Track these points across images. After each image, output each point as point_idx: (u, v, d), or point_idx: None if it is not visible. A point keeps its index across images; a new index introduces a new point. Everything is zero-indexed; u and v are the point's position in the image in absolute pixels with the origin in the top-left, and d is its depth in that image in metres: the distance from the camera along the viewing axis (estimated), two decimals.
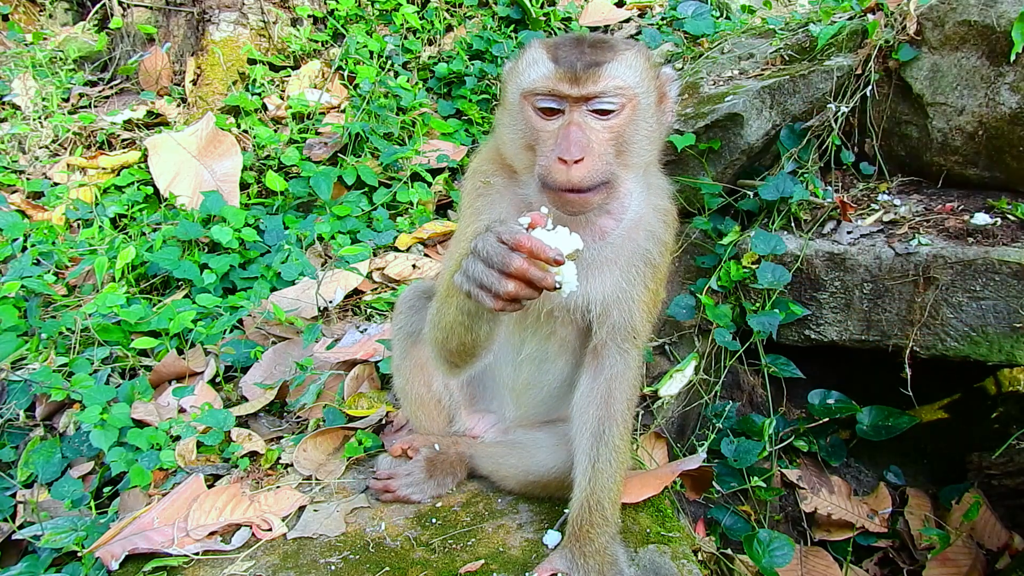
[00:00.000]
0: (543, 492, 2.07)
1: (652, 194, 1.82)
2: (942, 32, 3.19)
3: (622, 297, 1.81)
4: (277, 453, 2.39)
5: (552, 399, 2.01)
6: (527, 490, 2.09)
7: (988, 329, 2.81)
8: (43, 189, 3.83)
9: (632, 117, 1.66)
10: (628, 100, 1.64)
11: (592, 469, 1.78)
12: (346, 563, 1.87)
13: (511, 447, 2.10)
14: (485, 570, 1.81)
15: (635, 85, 1.65)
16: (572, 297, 1.71)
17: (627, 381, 1.85)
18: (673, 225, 1.85)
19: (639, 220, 1.79)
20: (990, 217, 2.99)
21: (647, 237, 1.80)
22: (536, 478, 2.04)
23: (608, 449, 1.79)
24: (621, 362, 1.85)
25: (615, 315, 1.81)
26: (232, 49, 4.46)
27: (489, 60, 4.47)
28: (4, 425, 2.61)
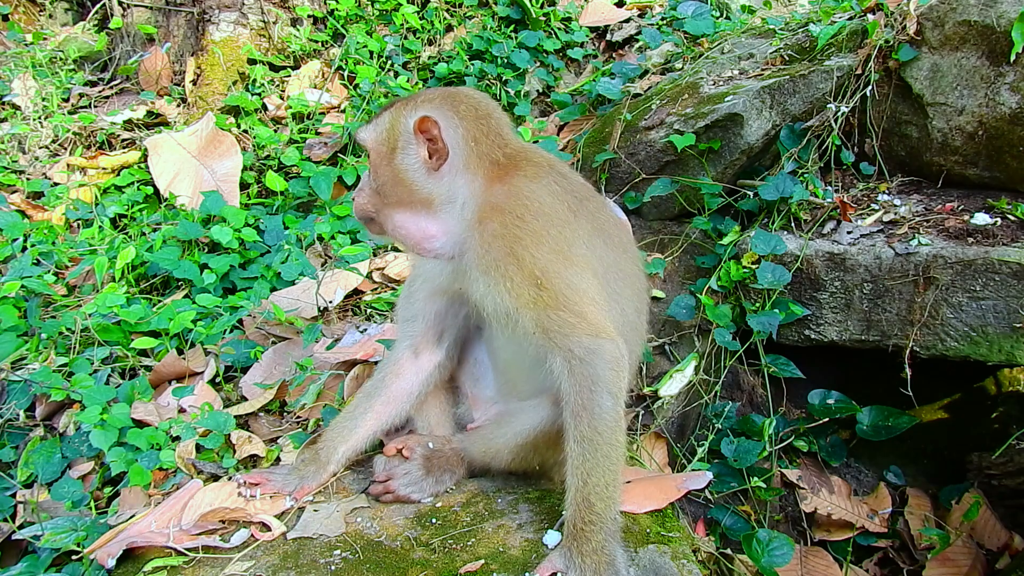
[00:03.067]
0: (537, 459, 2.01)
1: (479, 202, 1.88)
2: (942, 32, 3.19)
3: (500, 301, 1.82)
4: (276, 452, 2.39)
5: (534, 376, 1.95)
6: (521, 462, 2.04)
7: (988, 329, 2.81)
8: (43, 189, 3.83)
9: (373, 164, 1.96)
10: (370, 151, 1.97)
11: (578, 468, 1.77)
12: (346, 563, 1.87)
13: (498, 421, 2.09)
14: (485, 570, 1.81)
15: (369, 140, 1.98)
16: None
17: (591, 377, 1.77)
18: (515, 215, 1.83)
19: (470, 229, 1.85)
20: (990, 217, 2.99)
21: (486, 240, 1.83)
22: (523, 439, 1.99)
23: (588, 447, 1.76)
24: (575, 360, 1.78)
25: (517, 319, 1.83)
26: (232, 49, 4.46)
27: (489, 60, 4.47)
28: (4, 425, 2.61)
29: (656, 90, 3.77)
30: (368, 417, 2.19)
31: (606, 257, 1.94)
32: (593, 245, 1.91)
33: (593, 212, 1.97)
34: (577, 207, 1.92)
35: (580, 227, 1.89)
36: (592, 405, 1.75)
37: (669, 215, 3.42)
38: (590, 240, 1.91)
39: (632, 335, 1.94)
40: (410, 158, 1.91)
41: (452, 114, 1.91)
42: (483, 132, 1.93)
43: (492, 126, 1.95)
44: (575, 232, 1.87)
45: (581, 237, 1.88)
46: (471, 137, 1.91)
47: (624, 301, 1.96)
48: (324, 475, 2.18)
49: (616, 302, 1.91)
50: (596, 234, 1.94)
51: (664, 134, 3.36)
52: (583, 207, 1.94)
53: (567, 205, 1.90)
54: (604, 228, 1.98)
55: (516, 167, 1.91)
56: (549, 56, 4.54)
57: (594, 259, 1.89)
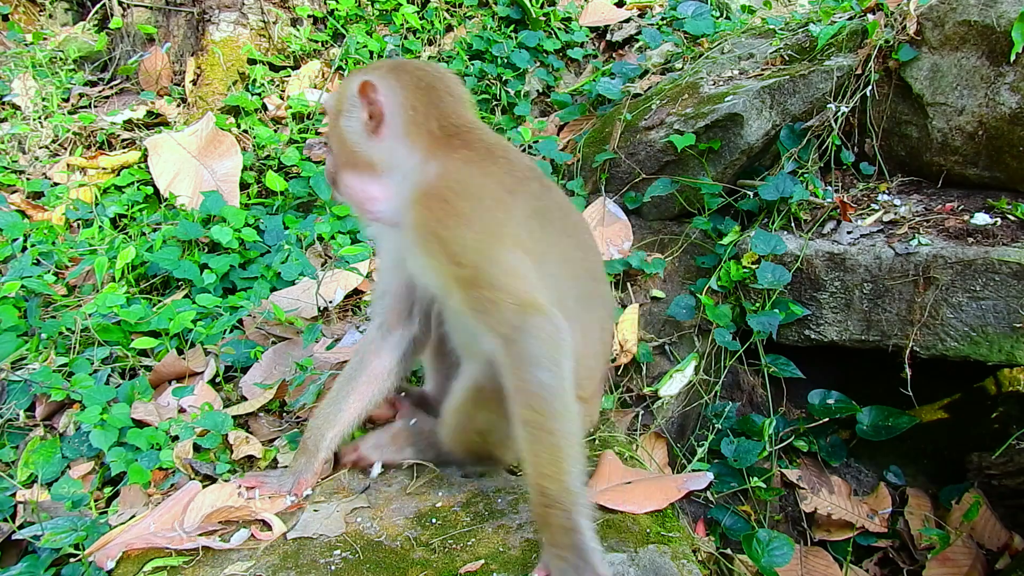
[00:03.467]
0: (475, 432, 1.95)
1: (416, 177, 1.91)
2: (942, 32, 3.20)
3: (431, 279, 1.85)
4: (274, 453, 2.39)
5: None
6: (461, 434, 2.00)
7: (988, 329, 2.81)
8: (43, 189, 3.82)
9: (328, 127, 2.07)
10: (327, 114, 2.08)
11: (526, 452, 1.69)
12: (346, 563, 1.87)
13: (450, 396, 2.04)
14: (485, 570, 1.81)
15: (326, 104, 2.08)
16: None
17: (523, 354, 1.69)
18: (441, 197, 1.83)
19: (407, 203, 1.88)
20: (990, 217, 2.99)
21: (416, 218, 1.85)
22: (457, 404, 1.97)
23: (531, 428, 1.67)
24: (505, 338, 1.71)
25: (446, 295, 1.84)
26: (232, 49, 4.46)
27: (489, 60, 4.47)
28: (4, 425, 2.61)
29: (656, 90, 3.77)
30: (352, 399, 2.19)
31: (544, 239, 1.90)
32: (529, 227, 1.88)
33: (536, 194, 1.95)
34: (515, 187, 1.91)
35: (515, 208, 1.88)
36: (528, 383, 1.67)
37: (669, 215, 3.43)
38: (526, 221, 1.88)
39: (574, 322, 1.83)
40: (352, 121, 1.97)
41: (394, 81, 1.95)
42: (422, 102, 1.95)
43: (433, 98, 1.96)
44: (508, 213, 1.85)
45: (515, 218, 1.86)
46: (409, 105, 1.94)
47: (563, 283, 1.91)
48: (316, 464, 2.18)
49: (554, 284, 1.86)
50: (533, 216, 1.91)
51: (664, 134, 3.36)
52: (522, 188, 1.93)
53: (502, 186, 1.89)
54: (545, 212, 1.95)
55: (454, 145, 1.93)
56: (549, 56, 4.54)
57: (529, 240, 1.85)
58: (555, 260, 1.92)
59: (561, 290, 1.87)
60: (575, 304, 1.91)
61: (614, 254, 3.30)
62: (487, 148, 1.96)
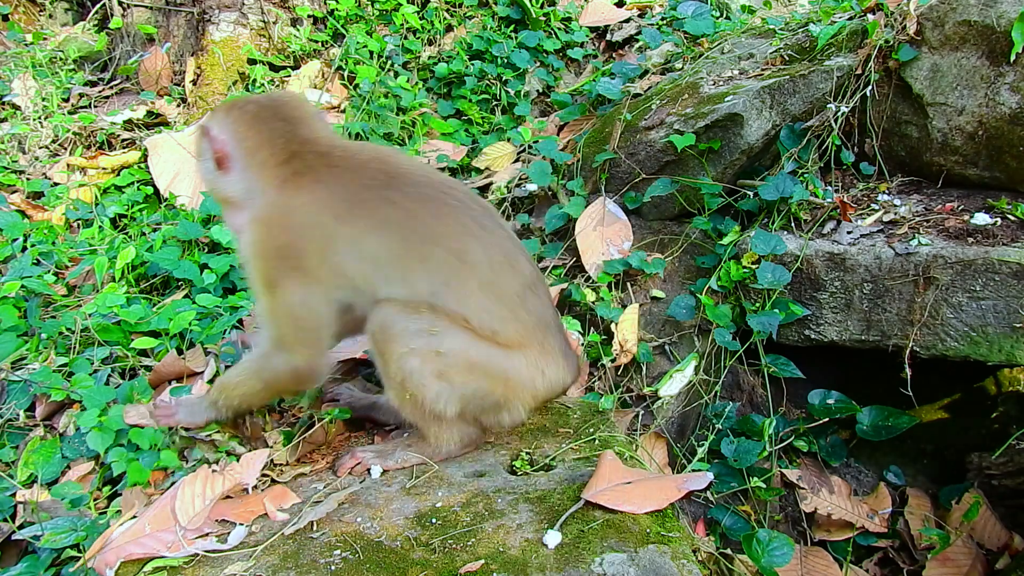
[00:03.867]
0: (396, 374, 2.13)
1: (258, 204, 2.11)
2: (942, 32, 3.20)
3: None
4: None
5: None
6: (395, 390, 2.18)
7: (988, 329, 2.81)
8: (43, 189, 3.83)
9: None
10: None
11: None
12: (345, 563, 1.87)
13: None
14: (485, 570, 1.81)
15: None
16: None
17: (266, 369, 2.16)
18: (258, 234, 2.08)
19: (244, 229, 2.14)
20: (990, 217, 2.99)
21: (241, 243, 2.15)
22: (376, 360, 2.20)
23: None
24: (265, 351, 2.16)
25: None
26: (232, 49, 4.46)
27: (489, 60, 4.47)
28: (4, 425, 2.61)
29: (656, 90, 3.77)
30: None
31: (393, 247, 2.07)
32: (370, 237, 2.06)
33: (385, 201, 2.07)
34: (350, 210, 2.05)
35: (344, 230, 2.04)
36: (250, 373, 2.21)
37: (669, 215, 3.43)
38: (363, 237, 2.06)
39: (448, 289, 2.08)
40: (206, 163, 2.14)
41: (226, 121, 2.09)
42: (253, 135, 2.08)
43: (264, 129, 2.09)
44: (323, 240, 2.04)
45: (339, 239, 2.04)
46: (243, 140, 2.08)
47: (418, 281, 2.07)
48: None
49: (402, 274, 2.07)
50: (375, 229, 2.06)
51: (664, 134, 3.36)
52: (362, 207, 2.06)
53: (330, 210, 2.04)
54: (389, 220, 2.06)
55: (287, 171, 2.07)
56: (549, 56, 4.54)
57: (356, 258, 2.06)
58: (412, 260, 2.08)
59: (415, 285, 2.07)
60: (443, 288, 2.08)
61: (614, 254, 3.30)
62: (327, 165, 2.08)
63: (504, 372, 2.16)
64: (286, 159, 2.07)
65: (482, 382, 2.15)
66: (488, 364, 2.14)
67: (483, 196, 3.94)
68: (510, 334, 2.15)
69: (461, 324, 2.08)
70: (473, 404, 2.19)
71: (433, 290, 2.07)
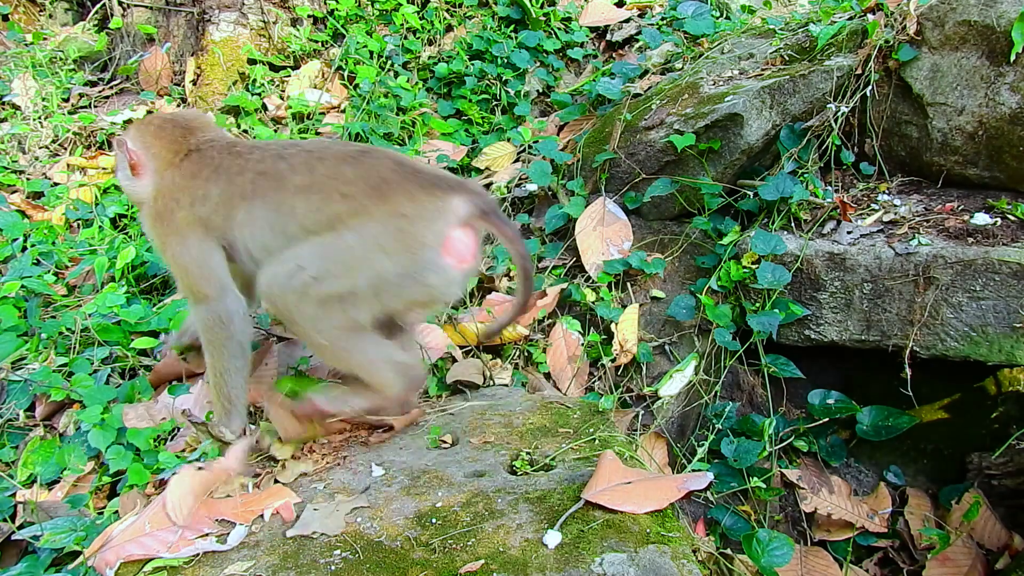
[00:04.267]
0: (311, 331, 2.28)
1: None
2: (942, 32, 3.20)
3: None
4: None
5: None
6: (316, 347, 2.36)
7: (988, 329, 2.81)
8: (43, 189, 3.83)
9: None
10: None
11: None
12: (346, 563, 1.87)
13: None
14: (485, 570, 1.81)
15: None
16: None
17: (200, 329, 2.42)
18: (148, 210, 2.44)
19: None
20: (990, 217, 2.99)
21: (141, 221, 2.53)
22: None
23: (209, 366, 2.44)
24: (192, 312, 2.48)
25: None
26: (232, 49, 4.46)
27: (489, 60, 4.47)
28: (4, 425, 2.61)
29: (656, 90, 3.77)
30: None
31: (259, 214, 2.27)
32: (242, 203, 2.29)
33: (258, 169, 2.29)
34: (233, 176, 2.31)
35: (212, 193, 2.31)
36: (203, 341, 2.42)
37: (669, 215, 3.43)
38: (237, 199, 2.29)
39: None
40: (124, 171, 2.46)
41: (137, 134, 2.47)
42: (156, 140, 2.44)
43: (165, 135, 2.44)
44: (204, 203, 2.32)
45: (213, 200, 2.31)
46: (151, 146, 2.44)
47: (296, 215, 2.23)
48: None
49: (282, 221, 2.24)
50: (246, 197, 2.29)
51: (664, 134, 3.36)
52: (231, 182, 2.31)
53: (208, 180, 2.33)
54: (255, 191, 2.28)
55: (180, 162, 2.41)
56: (549, 56, 4.54)
57: (239, 210, 2.29)
58: (280, 206, 2.25)
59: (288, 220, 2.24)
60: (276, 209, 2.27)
61: (614, 254, 3.30)
62: (213, 153, 2.38)
63: (377, 242, 2.14)
64: (185, 155, 2.41)
65: (366, 266, 2.15)
66: (356, 247, 2.15)
67: None
68: (348, 207, 2.18)
69: (309, 237, 2.21)
70: (380, 299, 2.19)
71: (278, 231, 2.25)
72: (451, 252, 2.16)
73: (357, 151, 2.28)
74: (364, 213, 2.14)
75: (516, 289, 2.31)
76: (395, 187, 2.16)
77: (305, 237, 2.19)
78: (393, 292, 2.18)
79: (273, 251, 2.25)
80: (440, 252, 2.15)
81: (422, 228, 2.13)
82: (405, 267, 2.14)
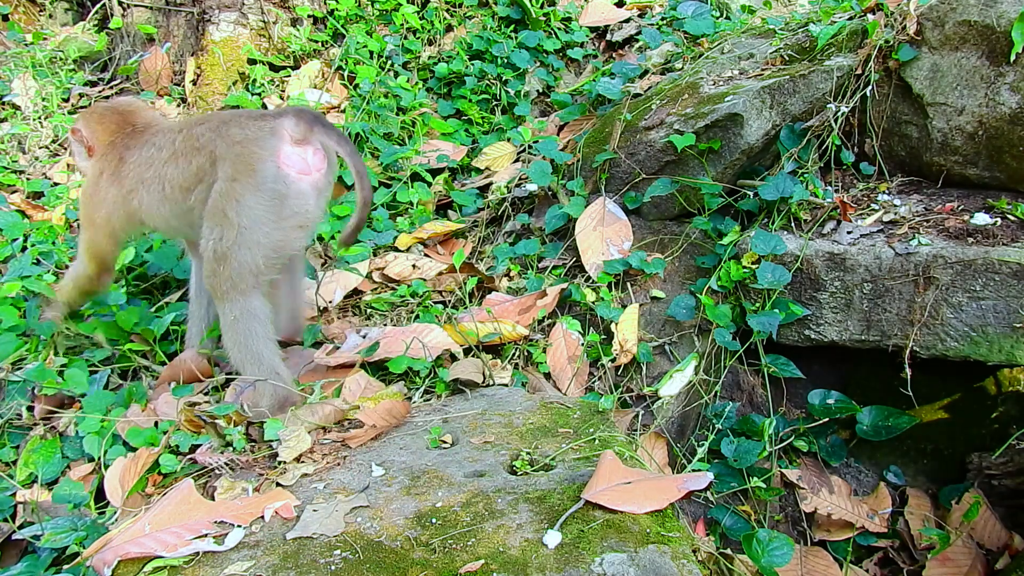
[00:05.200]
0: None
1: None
2: (942, 32, 3.20)
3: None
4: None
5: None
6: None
7: (988, 329, 2.81)
8: (43, 189, 3.83)
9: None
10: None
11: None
12: (346, 563, 1.87)
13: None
14: (485, 570, 1.81)
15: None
16: None
17: (69, 277, 2.95)
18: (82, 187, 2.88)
19: None
20: (990, 217, 2.99)
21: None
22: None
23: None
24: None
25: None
26: (232, 49, 4.46)
27: (489, 60, 4.47)
28: (4, 425, 2.61)
29: (656, 90, 3.77)
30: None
31: (150, 195, 2.65)
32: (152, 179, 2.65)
33: (165, 145, 2.64)
34: (117, 168, 2.71)
35: (111, 186, 2.71)
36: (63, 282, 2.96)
37: (669, 215, 3.42)
38: (121, 191, 2.69)
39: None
40: (80, 154, 2.85)
41: (86, 122, 2.83)
42: (98, 126, 2.81)
43: (107, 121, 2.81)
44: (103, 191, 2.72)
45: (111, 191, 2.70)
46: (96, 133, 2.80)
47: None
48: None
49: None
50: (136, 183, 2.67)
51: (664, 134, 3.36)
52: (125, 165, 2.70)
53: (111, 167, 2.72)
54: (141, 176, 2.66)
55: (116, 144, 2.76)
56: (549, 56, 4.54)
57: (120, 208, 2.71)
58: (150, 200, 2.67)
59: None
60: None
61: (614, 254, 3.30)
62: (138, 135, 2.75)
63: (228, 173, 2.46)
64: (119, 138, 2.77)
65: (233, 202, 2.44)
66: (220, 189, 2.47)
67: (483, 196, 3.95)
68: (205, 158, 2.53)
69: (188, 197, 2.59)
70: (259, 230, 2.45)
71: (165, 201, 2.64)
72: (290, 165, 2.45)
73: (206, 115, 2.79)
74: (216, 156, 2.47)
75: (355, 188, 2.62)
76: (231, 123, 2.51)
77: (184, 197, 2.55)
78: (264, 219, 2.44)
79: (173, 221, 2.65)
80: (279, 165, 2.44)
81: (256, 148, 2.43)
82: (256, 185, 2.42)
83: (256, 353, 2.51)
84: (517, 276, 3.45)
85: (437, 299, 3.37)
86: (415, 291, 3.32)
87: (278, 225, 2.45)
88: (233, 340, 2.52)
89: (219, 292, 2.48)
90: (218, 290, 2.48)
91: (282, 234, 2.48)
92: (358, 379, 2.71)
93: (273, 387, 2.51)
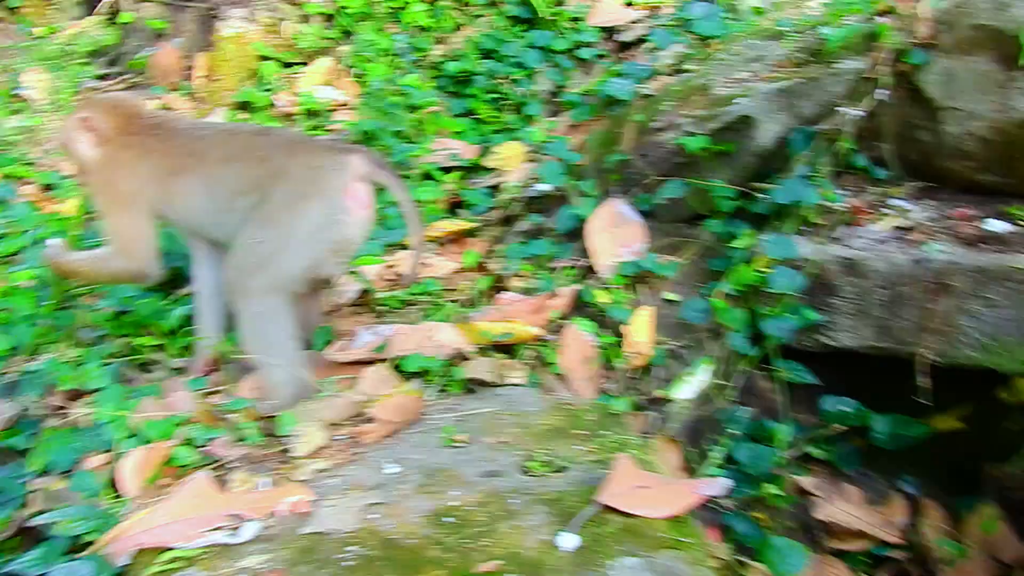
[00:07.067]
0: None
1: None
2: (953, 36, 3.18)
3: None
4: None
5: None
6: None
7: (1003, 337, 2.79)
8: (54, 181, 3.84)
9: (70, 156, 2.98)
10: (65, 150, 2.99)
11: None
12: (360, 559, 1.87)
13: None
14: (501, 570, 1.81)
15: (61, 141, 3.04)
16: None
17: (107, 269, 2.88)
18: (98, 172, 2.83)
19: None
20: (1004, 224, 2.98)
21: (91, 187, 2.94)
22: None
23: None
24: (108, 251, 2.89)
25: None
26: (241, 45, 4.46)
27: (499, 59, 4.47)
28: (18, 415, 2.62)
29: (667, 91, 3.77)
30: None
31: (189, 188, 2.73)
32: (171, 176, 2.74)
33: (184, 148, 2.75)
34: (141, 159, 2.75)
35: (139, 175, 2.74)
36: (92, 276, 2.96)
37: (681, 217, 3.41)
38: (167, 175, 2.73)
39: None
40: (83, 143, 2.81)
41: (95, 111, 2.82)
42: (109, 119, 2.81)
43: (114, 115, 2.82)
44: (137, 178, 2.74)
45: (140, 179, 2.74)
46: (105, 124, 2.79)
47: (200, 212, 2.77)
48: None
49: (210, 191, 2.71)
50: (167, 175, 2.73)
51: (675, 136, 3.35)
52: (151, 157, 2.75)
53: (133, 156, 2.75)
54: (183, 168, 2.73)
55: (124, 139, 2.79)
56: (559, 56, 4.54)
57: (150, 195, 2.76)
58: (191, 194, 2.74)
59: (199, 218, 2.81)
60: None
61: (626, 256, 3.29)
62: (149, 131, 2.80)
63: (298, 190, 2.61)
64: (127, 133, 2.79)
65: (293, 215, 2.60)
66: (282, 200, 2.59)
67: (493, 196, 3.94)
68: (267, 169, 2.64)
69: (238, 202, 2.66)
70: (307, 246, 2.60)
71: (209, 199, 2.72)
72: (354, 198, 2.60)
73: (263, 128, 2.85)
74: (282, 172, 2.59)
75: (408, 230, 2.93)
76: (303, 148, 2.70)
77: (231, 199, 2.63)
78: (316, 236, 2.59)
79: (207, 218, 2.73)
80: (345, 197, 2.59)
81: (332, 176, 2.59)
82: (321, 208, 2.57)
83: (278, 346, 2.58)
84: (529, 276, 3.44)
85: (449, 298, 3.36)
86: (427, 289, 3.32)
87: (327, 247, 2.62)
88: (254, 333, 2.58)
89: (247, 290, 2.57)
90: (247, 289, 2.57)
91: (327, 256, 2.64)
92: (379, 371, 2.72)
93: (291, 381, 2.55)
